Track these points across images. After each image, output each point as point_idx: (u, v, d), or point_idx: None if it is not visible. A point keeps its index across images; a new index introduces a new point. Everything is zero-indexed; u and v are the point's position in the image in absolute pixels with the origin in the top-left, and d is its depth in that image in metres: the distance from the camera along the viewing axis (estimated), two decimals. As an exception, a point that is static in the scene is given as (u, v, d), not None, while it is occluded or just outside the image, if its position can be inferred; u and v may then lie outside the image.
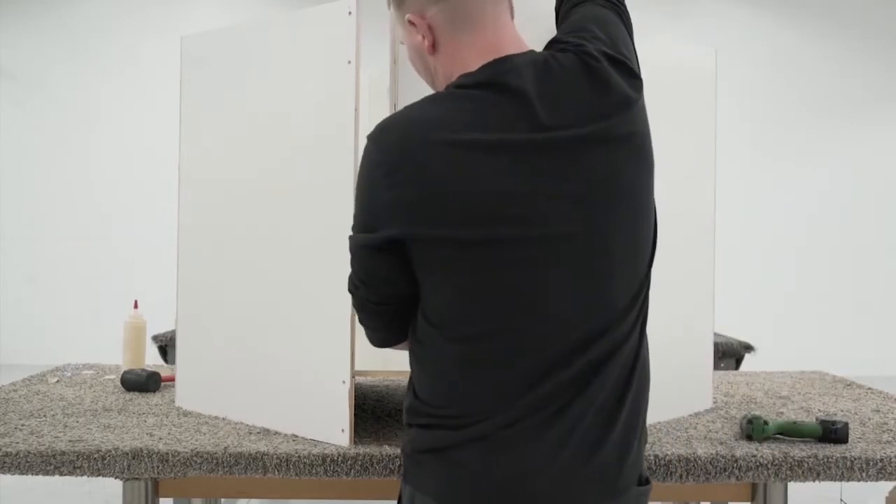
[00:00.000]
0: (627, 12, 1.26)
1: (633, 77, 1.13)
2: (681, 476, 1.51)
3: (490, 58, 1.10)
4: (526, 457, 1.05)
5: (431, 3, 1.12)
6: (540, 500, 1.06)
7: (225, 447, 1.54)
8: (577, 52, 1.10)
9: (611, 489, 1.08)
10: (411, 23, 1.15)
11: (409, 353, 1.17)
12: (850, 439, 1.63)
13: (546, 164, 1.04)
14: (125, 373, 2.13)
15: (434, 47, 1.15)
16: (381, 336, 1.20)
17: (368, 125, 1.17)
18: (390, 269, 1.10)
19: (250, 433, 1.65)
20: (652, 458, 1.51)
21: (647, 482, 1.15)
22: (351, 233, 1.13)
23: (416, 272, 1.09)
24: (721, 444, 1.60)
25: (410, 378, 1.17)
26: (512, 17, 1.18)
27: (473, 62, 1.10)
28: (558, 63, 1.09)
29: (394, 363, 1.65)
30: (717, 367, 3.05)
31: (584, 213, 1.06)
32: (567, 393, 1.05)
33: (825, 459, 1.52)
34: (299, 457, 1.51)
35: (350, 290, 1.18)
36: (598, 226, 1.07)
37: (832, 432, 1.60)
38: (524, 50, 1.13)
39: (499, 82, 1.06)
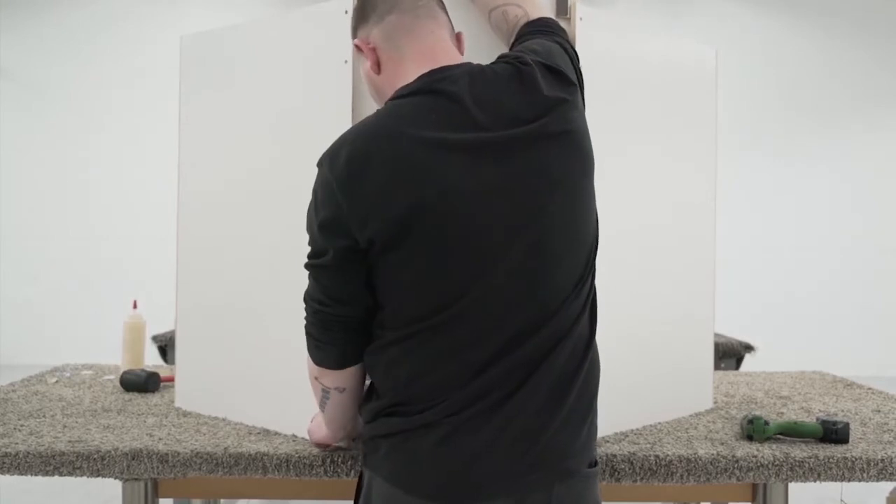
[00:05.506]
0: (573, 52, 1.31)
1: (568, 84, 1.20)
2: (682, 476, 1.50)
3: (427, 69, 1.17)
4: (470, 442, 1.10)
5: (373, 25, 1.23)
6: (485, 484, 1.10)
7: (225, 448, 1.54)
8: (512, 62, 1.19)
9: (558, 472, 1.13)
10: (358, 48, 1.26)
11: (367, 368, 1.22)
12: (850, 439, 1.63)
13: (482, 162, 1.11)
14: (124, 373, 2.13)
15: (379, 67, 1.24)
16: (339, 351, 1.21)
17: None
18: (353, 276, 1.15)
19: (250, 433, 1.65)
20: (653, 458, 1.51)
21: (596, 464, 1.21)
22: (308, 259, 1.19)
23: (372, 277, 1.15)
24: (722, 444, 1.59)
25: (367, 390, 1.24)
26: (453, 36, 1.27)
27: (412, 74, 1.18)
28: (493, 71, 1.17)
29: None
30: (717, 367, 3.05)
31: (520, 207, 1.11)
32: (511, 380, 1.11)
33: (826, 460, 1.52)
34: (299, 457, 1.51)
35: (312, 311, 1.20)
36: (533, 219, 1.12)
37: (833, 432, 1.60)
38: (460, 62, 1.21)
39: (434, 89, 1.14)
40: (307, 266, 1.19)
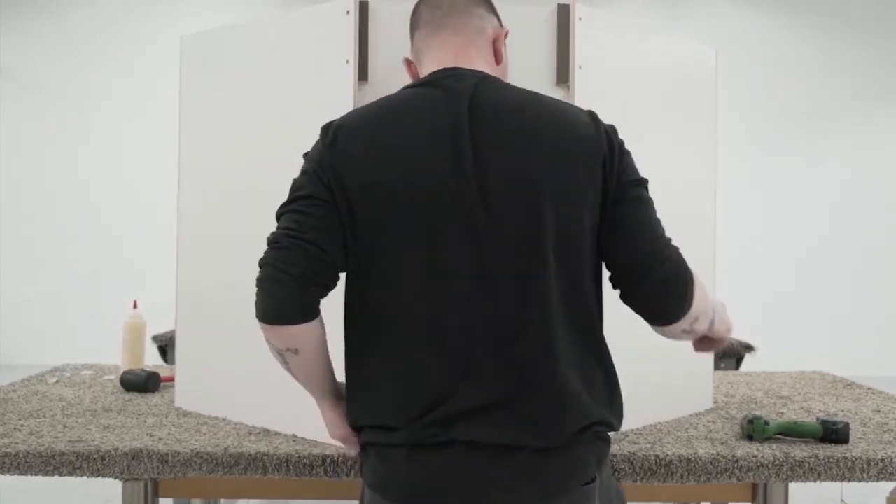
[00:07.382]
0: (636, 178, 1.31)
1: (594, 152, 1.19)
2: (682, 476, 1.50)
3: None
4: (450, 455, 1.09)
5: (415, 29, 1.30)
6: (463, 498, 1.09)
7: (225, 447, 1.54)
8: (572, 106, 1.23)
9: (545, 491, 1.10)
10: (407, 61, 1.34)
11: (346, 366, 1.22)
12: (850, 440, 1.63)
13: (463, 162, 1.11)
14: (125, 373, 2.13)
15: (417, 75, 1.30)
16: (289, 294, 1.14)
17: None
18: (337, 223, 1.13)
19: (250, 433, 1.65)
20: (653, 458, 1.51)
21: (593, 481, 1.15)
22: (287, 204, 1.17)
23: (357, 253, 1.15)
24: (722, 444, 1.59)
25: (348, 385, 1.21)
26: (482, 40, 1.27)
27: (428, 72, 1.24)
28: (507, 86, 1.21)
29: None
30: (717, 367, 3.05)
31: (485, 211, 1.11)
32: (494, 392, 1.10)
33: (826, 460, 1.52)
34: (299, 457, 1.51)
35: (286, 234, 1.13)
36: (497, 228, 1.11)
37: (833, 432, 1.60)
38: (478, 69, 1.23)
39: (440, 83, 1.18)
40: (285, 211, 1.16)
